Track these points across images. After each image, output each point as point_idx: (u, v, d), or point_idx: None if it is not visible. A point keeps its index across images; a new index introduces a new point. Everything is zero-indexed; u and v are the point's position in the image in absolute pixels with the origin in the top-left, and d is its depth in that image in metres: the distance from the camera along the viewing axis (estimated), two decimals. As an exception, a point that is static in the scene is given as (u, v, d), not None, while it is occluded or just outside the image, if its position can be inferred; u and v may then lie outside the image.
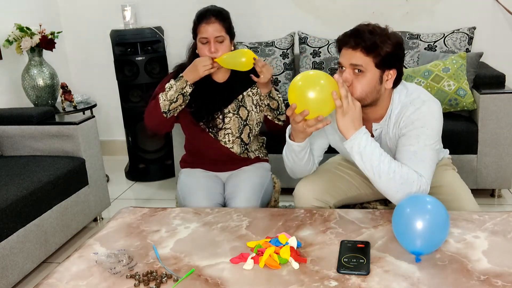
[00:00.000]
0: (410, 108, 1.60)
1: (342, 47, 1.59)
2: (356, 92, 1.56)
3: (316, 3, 3.53)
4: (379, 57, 1.54)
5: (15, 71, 3.32)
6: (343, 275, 1.25)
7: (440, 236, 1.31)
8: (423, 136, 1.56)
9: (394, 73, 1.59)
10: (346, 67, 1.57)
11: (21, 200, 2.17)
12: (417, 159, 1.55)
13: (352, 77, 1.56)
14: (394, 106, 1.65)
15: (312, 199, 1.75)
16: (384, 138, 1.70)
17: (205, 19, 1.95)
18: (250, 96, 2.06)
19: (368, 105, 1.61)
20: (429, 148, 1.56)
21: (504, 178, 2.82)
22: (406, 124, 1.60)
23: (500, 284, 1.18)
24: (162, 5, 3.74)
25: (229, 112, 2.03)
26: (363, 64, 1.54)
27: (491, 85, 2.85)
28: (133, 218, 1.67)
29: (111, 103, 3.95)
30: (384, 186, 1.54)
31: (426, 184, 1.54)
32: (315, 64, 3.25)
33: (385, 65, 1.56)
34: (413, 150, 1.56)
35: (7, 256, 2.09)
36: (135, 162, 3.62)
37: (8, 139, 2.72)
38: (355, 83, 1.56)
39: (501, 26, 3.34)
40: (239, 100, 2.05)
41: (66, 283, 1.30)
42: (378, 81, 1.57)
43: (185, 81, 1.94)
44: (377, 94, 1.60)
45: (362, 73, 1.55)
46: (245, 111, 2.05)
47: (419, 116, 1.58)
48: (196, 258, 1.37)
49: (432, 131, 1.58)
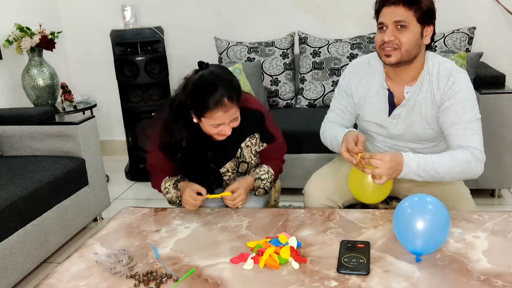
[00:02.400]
0: (450, 78, 1.66)
1: (383, 6, 1.64)
2: (402, 45, 1.62)
3: (316, 3, 3.53)
4: (420, 10, 1.60)
5: (15, 71, 3.32)
6: (343, 275, 1.25)
7: (441, 236, 1.31)
8: (468, 109, 1.64)
9: (431, 30, 1.67)
10: (389, 25, 1.63)
11: (21, 200, 2.17)
12: (467, 135, 1.63)
13: (395, 34, 1.62)
14: (429, 69, 1.70)
15: (323, 199, 1.77)
16: (413, 102, 1.73)
17: (221, 105, 1.58)
18: (249, 146, 1.82)
19: (406, 63, 1.66)
20: (475, 119, 1.65)
21: (504, 178, 2.82)
22: (448, 95, 1.66)
23: (500, 284, 1.18)
24: (162, 5, 3.74)
25: (227, 171, 1.83)
26: (406, 19, 1.60)
27: (491, 85, 2.85)
28: (133, 218, 1.67)
29: (111, 103, 3.95)
30: (450, 180, 1.68)
31: (481, 155, 1.63)
32: (315, 64, 3.25)
33: (425, 20, 1.63)
34: (463, 126, 1.64)
35: (7, 256, 2.09)
36: (135, 162, 3.62)
37: (8, 139, 2.72)
38: (400, 38, 1.62)
39: (501, 26, 3.33)
40: (237, 157, 1.82)
41: (66, 283, 1.30)
42: (420, 36, 1.64)
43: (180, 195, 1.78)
44: (419, 49, 1.66)
45: (405, 28, 1.61)
46: (245, 165, 1.85)
47: (460, 88, 1.65)
48: (196, 258, 1.37)
49: (474, 101, 1.66)
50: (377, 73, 1.78)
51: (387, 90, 1.75)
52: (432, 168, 1.60)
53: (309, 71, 3.27)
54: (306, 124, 2.89)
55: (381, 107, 1.78)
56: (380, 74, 1.77)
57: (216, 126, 1.63)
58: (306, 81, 3.28)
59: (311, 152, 2.90)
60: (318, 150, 2.85)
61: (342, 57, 3.23)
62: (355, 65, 1.86)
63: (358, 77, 1.83)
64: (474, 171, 1.63)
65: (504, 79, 2.88)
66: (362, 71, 1.82)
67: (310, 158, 2.89)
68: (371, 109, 1.81)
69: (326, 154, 2.67)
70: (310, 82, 3.27)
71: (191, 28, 3.72)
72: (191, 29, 3.71)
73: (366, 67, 1.82)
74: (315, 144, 2.85)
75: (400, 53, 1.63)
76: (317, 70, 3.25)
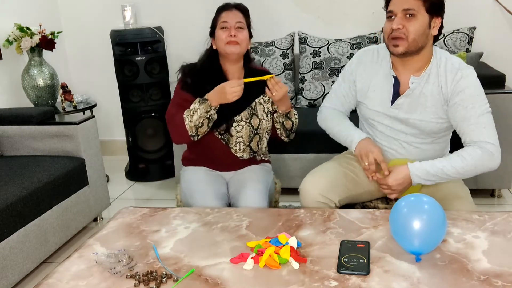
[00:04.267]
0: (457, 73, 1.68)
1: None
2: (410, 34, 1.64)
3: (316, 3, 3.54)
4: (430, 0, 1.64)
5: (15, 71, 3.32)
6: (343, 275, 1.25)
7: (438, 235, 1.31)
8: (477, 104, 1.66)
9: (439, 22, 1.69)
10: (398, 13, 1.65)
11: (21, 200, 2.17)
12: (479, 129, 1.66)
13: (404, 22, 1.64)
14: (437, 62, 1.72)
15: (318, 195, 1.77)
16: (418, 93, 1.74)
17: (226, 8, 1.97)
18: (262, 104, 2.05)
19: (413, 53, 1.68)
20: (485, 112, 1.67)
21: (504, 178, 2.82)
22: (456, 91, 1.68)
23: (500, 284, 1.18)
24: (162, 5, 3.74)
25: (241, 120, 2.00)
26: (415, 7, 1.63)
27: (491, 85, 2.84)
28: (133, 218, 1.67)
29: (111, 103, 3.95)
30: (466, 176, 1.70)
31: (494, 148, 1.66)
32: (315, 64, 3.25)
33: (434, 11, 1.66)
34: (474, 121, 1.66)
35: (7, 256, 2.09)
36: (135, 162, 3.62)
37: (8, 139, 2.72)
38: (408, 26, 1.64)
39: (501, 26, 3.34)
40: (252, 108, 2.03)
41: (66, 283, 1.30)
42: (428, 26, 1.67)
43: (210, 106, 1.87)
44: (426, 39, 1.68)
45: (413, 16, 1.64)
46: (257, 120, 2.03)
47: (468, 83, 1.67)
48: (196, 258, 1.37)
49: (483, 95, 1.68)
50: (384, 62, 1.81)
51: (393, 78, 1.77)
52: (442, 172, 1.66)
53: (309, 71, 3.28)
54: (306, 124, 2.89)
55: (384, 96, 1.80)
56: (387, 62, 1.80)
57: (224, 30, 1.91)
58: (306, 81, 3.28)
59: (311, 152, 2.90)
60: (318, 150, 2.85)
61: (342, 57, 3.23)
62: (364, 52, 1.90)
63: (364, 64, 1.86)
64: (488, 165, 1.67)
65: (504, 79, 2.88)
66: (369, 58, 1.86)
67: (310, 158, 2.89)
68: (374, 97, 1.83)
69: (326, 154, 2.67)
70: (310, 82, 3.27)
71: (191, 28, 3.72)
72: (191, 29, 3.71)
73: (374, 55, 1.85)
74: (315, 144, 2.87)
75: (407, 43, 1.65)
76: (317, 70, 3.25)
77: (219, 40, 1.94)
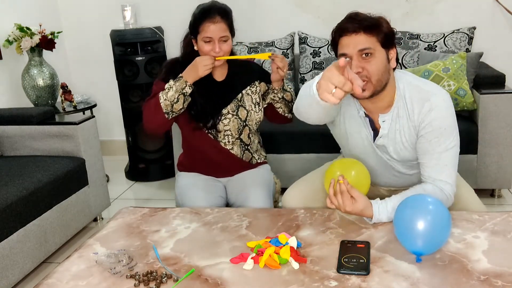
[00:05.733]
0: (425, 105, 1.55)
1: (342, 36, 1.53)
2: (372, 76, 1.50)
3: (316, 3, 3.54)
4: (382, 34, 1.51)
5: (15, 71, 3.32)
6: (343, 275, 1.25)
7: (442, 236, 1.31)
8: (443, 139, 1.55)
9: (395, 52, 1.57)
10: (353, 55, 1.50)
11: (21, 200, 2.17)
12: (439, 166, 1.57)
13: (362, 64, 1.49)
14: (401, 93, 1.59)
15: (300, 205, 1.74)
16: (393, 131, 1.63)
17: (210, 17, 1.86)
18: (250, 95, 2.02)
19: (379, 92, 1.54)
20: (450, 148, 1.56)
21: (504, 178, 2.82)
22: (425, 123, 1.56)
23: (500, 284, 1.18)
24: (162, 5, 3.74)
25: (228, 113, 1.98)
26: (371, 45, 1.49)
27: (491, 85, 2.85)
28: (133, 218, 1.67)
29: (111, 103, 3.95)
30: None
31: (451, 188, 1.58)
32: (315, 64, 3.25)
33: (388, 43, 1.54)
34: (436, 156, 1.57)
35: (7, 256, 2.09)
36: (135, 162, 3.62)
37: (8, 139, 2.72)
38: (368, 68, 1.49)
39: (501, 26, 3.34)
40: (238, 100, 2.00)
41: (66, 283, 1.30)
42: (386, 61, 1.54)
43: (185, 82, 1.86)
44: (388, 74, 1.55)
45: (371, 55, 1.49)
46: (244, 111, 2.00)
47: (436, 115, 1.54)
48: (196, 258, 1.37)
49: (451, 128, 1.56)
50: (352, 103, 1.67)
51: (365, 117, 1.66)
52: None
53: (309, 71, 3.27)
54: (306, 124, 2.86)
55: (362, 137, 1.69)
56: (354, 103, 1.67)
57: (207, 41, 1.86)
58: (306, 81, 3.27)
59: (311, 152, 2.90)
60: (318, 150, 2.85)
61: (342, 57, 3.23)
62: None
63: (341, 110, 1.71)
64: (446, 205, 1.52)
65: (504, 79, 2.88)
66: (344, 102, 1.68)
67: (310, 158, 2.89)
68: (353, 142, 1.73)
69: (326, 154, 2.67)
70: (310, 82, 3.26)
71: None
72: (191, 29, 3.70)
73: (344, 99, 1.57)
74: (315, 144, 2.87)
75: (372, 85, 1.51)
76: (317, 70, 3.25)
77: (203, 52, 1.89)
